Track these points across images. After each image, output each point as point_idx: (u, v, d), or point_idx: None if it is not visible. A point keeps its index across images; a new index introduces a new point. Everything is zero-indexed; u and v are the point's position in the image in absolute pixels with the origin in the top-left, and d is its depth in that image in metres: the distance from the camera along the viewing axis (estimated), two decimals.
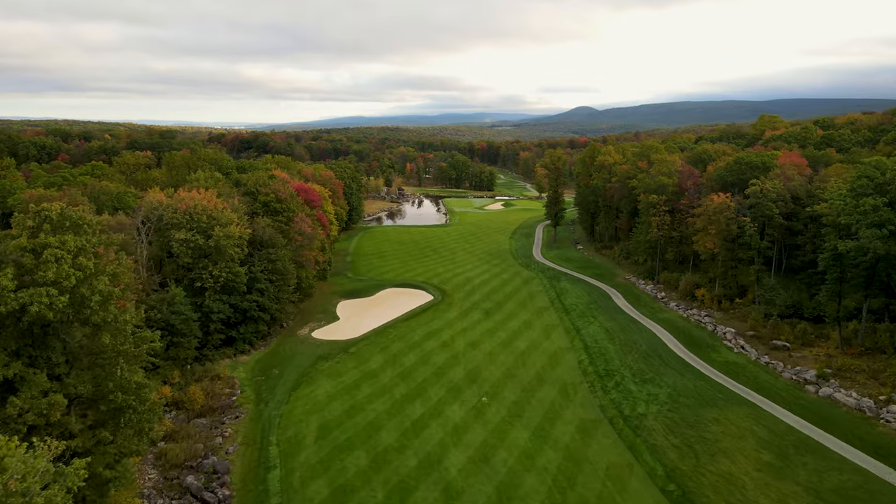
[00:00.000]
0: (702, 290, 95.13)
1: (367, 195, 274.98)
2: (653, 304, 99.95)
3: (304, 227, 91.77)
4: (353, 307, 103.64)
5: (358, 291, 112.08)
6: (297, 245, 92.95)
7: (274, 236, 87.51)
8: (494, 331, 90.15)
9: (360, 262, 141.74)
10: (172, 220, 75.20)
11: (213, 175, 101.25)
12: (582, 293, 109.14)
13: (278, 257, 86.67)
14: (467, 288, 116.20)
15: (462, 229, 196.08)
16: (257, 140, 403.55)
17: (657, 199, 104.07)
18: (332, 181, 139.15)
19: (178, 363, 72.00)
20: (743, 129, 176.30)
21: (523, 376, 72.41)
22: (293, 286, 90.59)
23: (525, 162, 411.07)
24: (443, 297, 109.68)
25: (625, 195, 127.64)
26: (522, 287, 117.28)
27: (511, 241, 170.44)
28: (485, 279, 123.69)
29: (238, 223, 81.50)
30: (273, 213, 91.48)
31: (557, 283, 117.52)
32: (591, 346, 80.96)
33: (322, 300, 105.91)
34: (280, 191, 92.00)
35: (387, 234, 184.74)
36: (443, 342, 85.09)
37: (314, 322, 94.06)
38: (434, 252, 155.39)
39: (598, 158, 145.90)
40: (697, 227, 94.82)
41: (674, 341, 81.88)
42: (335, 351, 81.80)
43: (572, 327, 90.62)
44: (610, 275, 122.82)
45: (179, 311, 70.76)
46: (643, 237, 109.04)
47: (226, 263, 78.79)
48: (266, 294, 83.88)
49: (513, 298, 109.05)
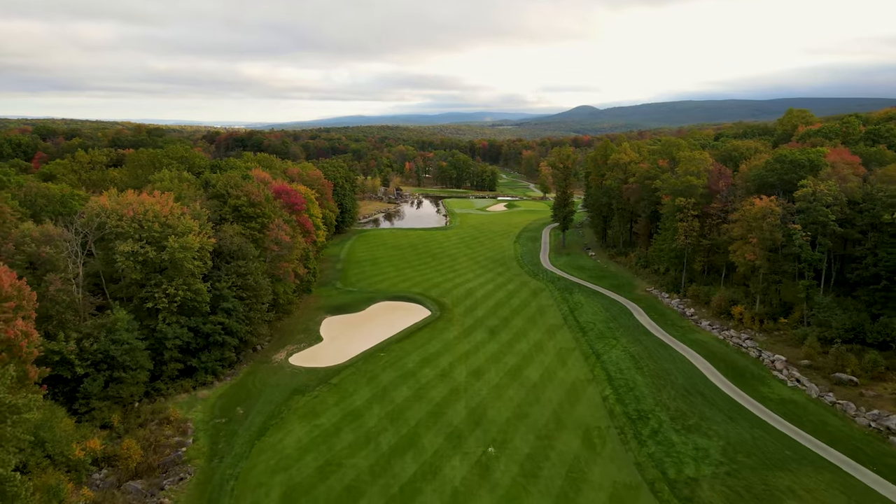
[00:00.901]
0: (739, 308, 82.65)
1: (363, 196, 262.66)
2: (681, 323, 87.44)
3: (282, 234, 79.40)
4: (340, 325, 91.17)
5: (346, 306, 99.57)
6: (273, 256, 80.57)
7: (244, 246, 75.15)
8: (501, 355, 77.74)
9: (351, 269, 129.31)
10: (117, 229, 62.76)
11: (181, 175, 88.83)
12: (599, 308, 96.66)
13: (249, 270, 74.31)
14: (469, 301, 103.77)
15: (463, 232, 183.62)
16: (251, 138, 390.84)
17: (685, 203, 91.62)
18: (320, 181, 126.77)
19: (121, 402, 59.68)
20: (769, 124, 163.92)
21: (537, 417, 59.96)
22: (268, 303, 78.25)
23: (528, 161, 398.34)
24: (441, 312, 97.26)
25: (643, 197, 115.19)
26: (531, 300, 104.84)
27: (516, 246, 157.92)
28: (488, 290, 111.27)
29: (200, 231, 69.17)
30: (245, 219, 79.11)
31: (570, 296, 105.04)
32: (616, 378, 68.47)
33: (304, 316, 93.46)
34: (254, 193, 79.62)
35: (382, 237, 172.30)
36: (441, 371, 72.66)
37: (293, 344, 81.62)
38: (433, 258, 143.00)
39: (612, 157, 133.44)
40: (734, 235, 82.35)
41: (713, 371, 69.41)
42: (314, 382, 69.39)
43: (591, 351, 78.16)
44: (628, 286, 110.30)
45: (121, 340, 58.40)
46: (667, 245, 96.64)
47: (184, 279, 66.48)
48: (234, 314, 71.51)
49: (521, 314, 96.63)
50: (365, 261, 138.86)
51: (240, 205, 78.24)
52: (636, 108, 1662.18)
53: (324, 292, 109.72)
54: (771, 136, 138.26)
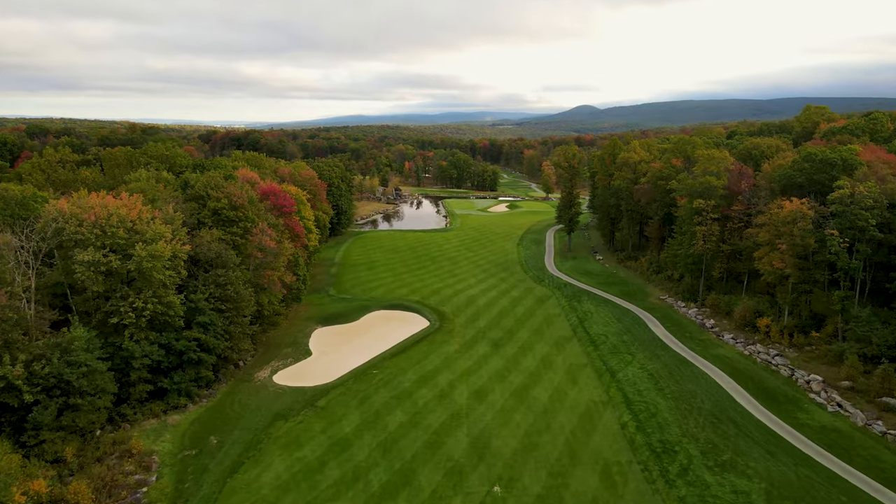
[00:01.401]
0: (765, 320, 75.78)
1: (361, 196, 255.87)
2: (701, 336, 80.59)
3: (266, 240, 72.53)
4: (331, 337, 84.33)
5: (338, 316, 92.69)
6: (257, 263, 73.75)
7: (224, 253, 68.30)
8: (506, 373, 70.91)
9: (345, 274, 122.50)
10: (76, 235, 55.91)
11: (160, 175, 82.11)
12: (610, 318, 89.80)
13: (229, 280, 67.47)
14: (470, 310, 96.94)
15: (463, 234, 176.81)
16: (248, 137, 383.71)
17: (704, 205, 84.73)
18: (313, 182, 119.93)
19: (78, 432, 52.88)
20: (787, 122, 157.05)
21: (548, 449, 53.12)
22: (250, 316, 71.42)
23: (530, 160, 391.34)
24: (441, 322, 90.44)
25: (656, 198, 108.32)
26: (537, 308, 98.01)
27: (519, 249, 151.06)
28: (491, 298, 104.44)
29: (174, 237, 62.36)
30: (225, 224, 72.29)
31: (579, 304, 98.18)
32: (635, 401, 61.58)
33: (293, 328, 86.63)
34: (236, 195, 72.78)
35: (380, 240, 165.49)
36: (440, 391, 65.82)
37: (278, 360, 74.78)
38: (432, 262, 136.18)
39: (621, 156, 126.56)
40: (760, 241, 75.49)
41: (742, 393, 62.55)
42: (299, 404, 62.57)
43: (605, 368, 71.30)
44: (640, 293, 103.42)
45: (78, 361, 51.57)
46: (684, 250, 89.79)
47: (154, 291, 59.64)
48: (211, 329, 64.66)
49: (526, 324, 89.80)
50: (361, 265, 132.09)
51: (220, 208, 71.41)
52: (637, 108, 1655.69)
53: (315, 300, 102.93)
54: (789, 133, 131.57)
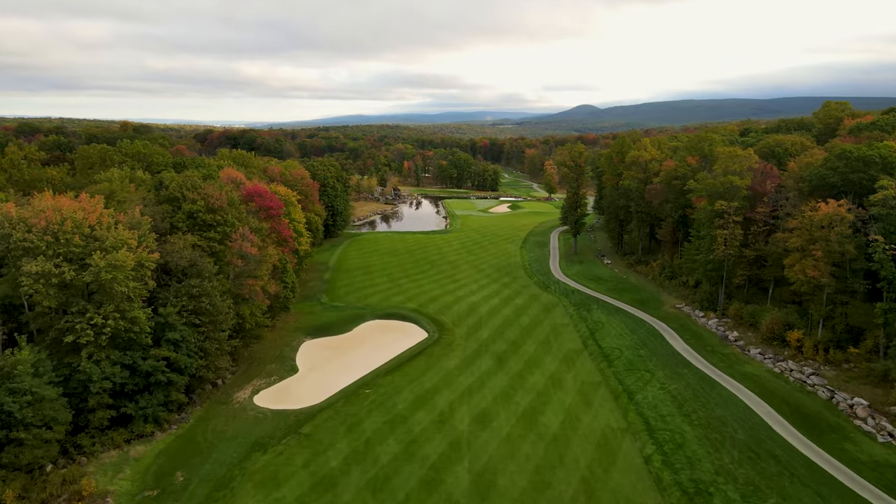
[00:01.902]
0: (796, 333, 68.95)
1: (359, 196, 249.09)
2: (724, 350, 73.77)
3: (247, 246, 65.71)
4: (320, 351, 77.53)
5: (329, 326, 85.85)
6: (237, 272, 66.93)
7: (199, 261, 61.49)
8: (512, 392, 64.14)
9: (339, 280, 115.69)
10: (24, 243, 49.12)
11: (134, 174, 75.39)
12: (623, 329, 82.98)
13: (205, 291, 60.65)
14: (472, 319, 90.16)
15: (464, 236, 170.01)
16: (244, 136, 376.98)
17: (726, 207, 77.89)
18: (304, 182, 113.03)
19: (24, 469, 46.12)
20: (805, 119, 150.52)
21: (562, 488, 46.34)
22: (229, 330, 64.62)
23: (531, 160, 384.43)
24: (440, 333, 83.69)
25: (670, 199, 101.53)
26: (543, 317, 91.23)
27: (522, 252, 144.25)
28: (494, 306, 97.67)
29: (140, 244, 55.57)
30: (201, 228, 65.49)
31: (588, 313, 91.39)
32: (658, 429, 54.79)
33: (279, 340, 79.82)
34: (214, 196, 65.96)
35: (377, 242, 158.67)
36: (438, 415, 59.05)
37: (261, 378, 67.96)
38: (431, 266, 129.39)
39: (631, 154, 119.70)
40: (791, 246, 68.66)
41: (778, 419, 55.74)
42: (281, 431, 55.84)
43: (621, 388, 64.50)
44: (653, 301, 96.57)
45: (21, 389, 44.84)
46: (703, 255, 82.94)
47: (116, 305, 52.85)
48: (183, 346, 57.88)
49: (532, 335, 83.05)
50: (356, 269, 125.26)
51: (195, 210, 64.56)
52: (637, 107, 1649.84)
53: (306, 308, 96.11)
54: (807, 130, 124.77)
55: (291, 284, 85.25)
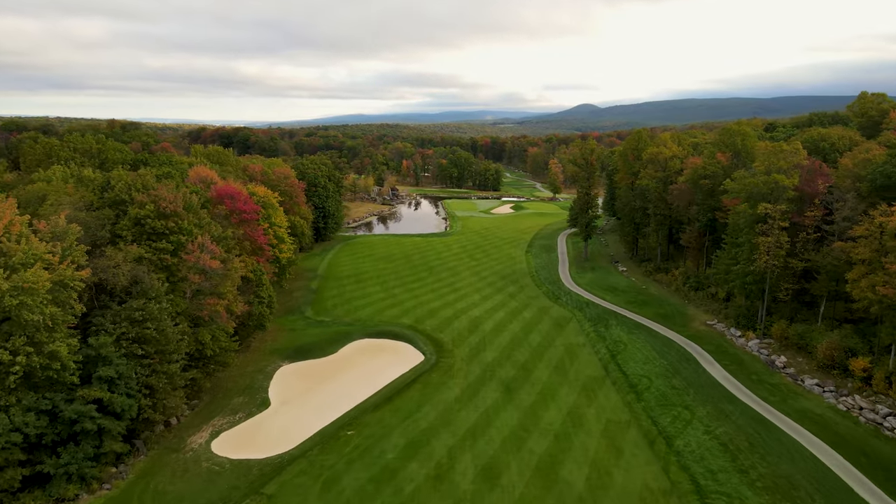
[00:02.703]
0: (861, 362, 57.96)
1: (355, 197, 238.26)
2: (772, 379, 62.76)
3: (206, 259, 54.72)
4: (298, 380, 66.54)
5: (311, 348, 74.87)
6: (195, 290, 55.96)
7: (144, 278, 50.57)
8: (524, 434, 53.22)
9: (328, 290, 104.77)
10: None
11: (81, 173, 64.53)
12: (649, 352, 71.98)
13: (151, 314, 49.73)
14: (474, 337, 79.29)
15: (465, 239, 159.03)
16: (237, 135, 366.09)
17: (770, 210, 66.87)
18: (288, 182, 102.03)
19: None
20: (839, 113, 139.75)
21: None
22: (184, 359, 53.66)
23: (534, 158, 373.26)
24: (438, 355, 72.82)
25: (697, 201, 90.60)
26: (555, 335, 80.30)
27: (528, 258, 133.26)
28: (499, 320, 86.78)
29: (64, 259, 44.68)
30: (150, 237, 54.50)
31: (606, 331, 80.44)
32: (711, 491, 43.76)
33: (251, 365, 68.88)
34: (166, 199, 54.98)
35: (372, 246, 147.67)
36: (435, 467, 48.13)
37: (224, 415, 57.00)
38: (429, 273, 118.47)
39: (649, 150, 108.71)
40: (856, 258, 57.67)
41: (859, 478, 44.75)
42: (240, 491, 44.95)
43: (655, 430, 53.53)
44: (679, 316, 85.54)
45: None
46: (741, 266, 71.90)
47: (29, 337, 41.96)
48: (121, 384, 46.99)
49: (544, 358, 72.12)
50: (347, 277, 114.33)
51: (143, 216, 53.57)
52: (638, 107, 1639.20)
53: (287, 324, 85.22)
54: (844, 124, 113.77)
55: (268, 299, 74.31)
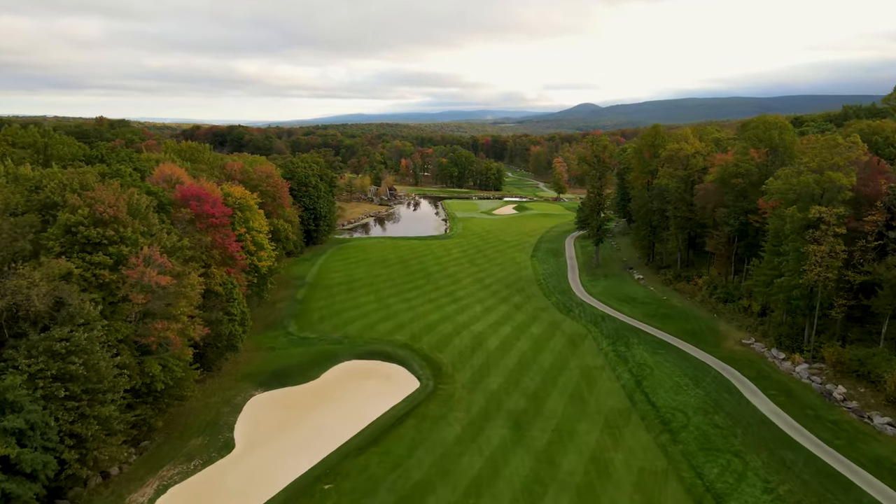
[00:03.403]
0: None
1: (351, 197, 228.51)
2: (832, 415, 52.97)
3: (153, 275, 44.92)
4: (272, 412, 56.73)
5: (290, 372, 65.04)
6: (142, 312, 46.17)
7: (71, 299, 40.79)
8: (539, 490, 43.52)
9: (315, 300, 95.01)
10: None
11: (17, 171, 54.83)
12: (680, 377, 62.16)
13: (78, 345, 39.97)
14: (478, 359, 69.55)
15: (466, 242, 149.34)
16: (232, 132, 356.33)
17: (825, 214, 57.09)
18: (270, 181, 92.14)
19: None
20: (876, 106, 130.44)
21: None
22: (122, 399, 43.86)
23: (536, 157, 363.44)
24: (436, 381, 63.11)
25: (727, 203, 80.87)
26: (569, 355, 70.56)
27: (534, 263, 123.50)
28: (505, 337, 77.07)
29: None
30: (86, 249, 44.71)
31: (628, 350, 70.66)
32: None
33: (218, 394, 59.10)
34: (105, 202, 45.20)
35: (366, 250, 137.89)
36: None
37: (177, 463, 47.19)
38: (427, 280, 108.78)
39: (668, 147, 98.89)
40: None
41: None
42: None
43: (701, 485, 43.74)
44: (709, 333, 75.68)
45: None
46: (787, 278, 62.09)
47: None
48: (35, 435, 37.25)
49: (557, 385, 62.37)
50: (337, 285, 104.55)
51: (74, 223, 43.84)
52: (638, 106, 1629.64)
53: (266, 341, 75.52)
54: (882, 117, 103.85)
55: (240, 316, 64.52)
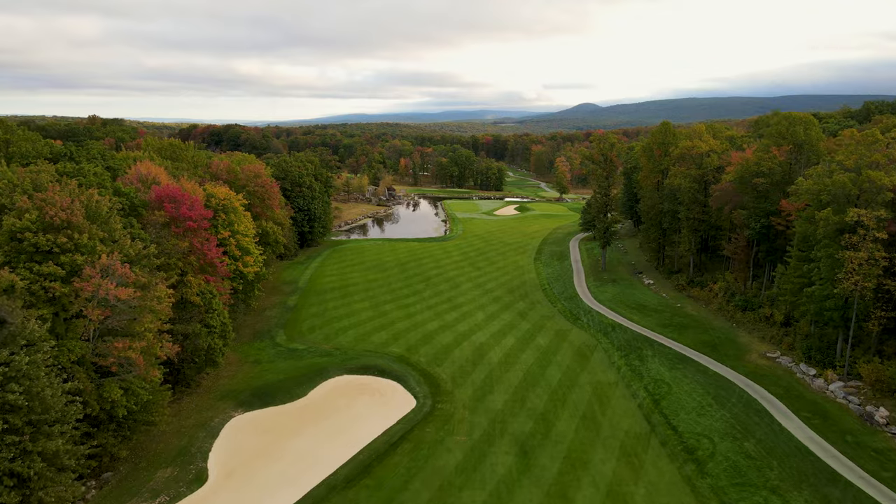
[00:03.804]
0: None
1: (348, 197, 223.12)
2: (874, 441, 47.45)
3: (109, 287, 39.44)
4: (253, 436, 51.20)
5: (275, 390, 59.51)
6: (100, 330, 40.68)
7: (12, 317, 35.31)
8: None
9: (307, 307, 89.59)
10: None
11: None
12: (702, 397, 56.65)
13: (18, 370, 34.47)
14: (479, 373, 64.12)
15: (466, 244, 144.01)
16: (228, 132, 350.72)
17: (865, 217, 51.63)
18: (258, 181, 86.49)
19: None
20: None
21: None
22: (73, 431, 38.38)
23: (538, 157, 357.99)
24: (434, 399, 57.73)
25: (747, 204, 75.34)
26: (579, 370, 65.11)
27: (538, 267, 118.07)
28: (509, 348, 71.65)
29: None
30: (34, 258, 39.24)
31: (642, 364, 65.19)
32: None
33: (193, 415, 53.61)
34: (56, 206, 39.73)
35: (362, 252, 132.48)
36: None
37: (140, 500, 41.64)
38: (426, 285, 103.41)
39: (682, 145, 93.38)
40: None
41: None
42: None
43: None
44: (729, 345, 70.14)
45: None
46: (819, 287, 56.59)
47: None
48: None
49: (567, 404, 56.95)
50: (331, 290, 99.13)
51: (20, 229, 38.40)
52: (639, 106, 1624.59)
53: (252, 353, 70.12)
54: None
55: (220, 328, 59.04)
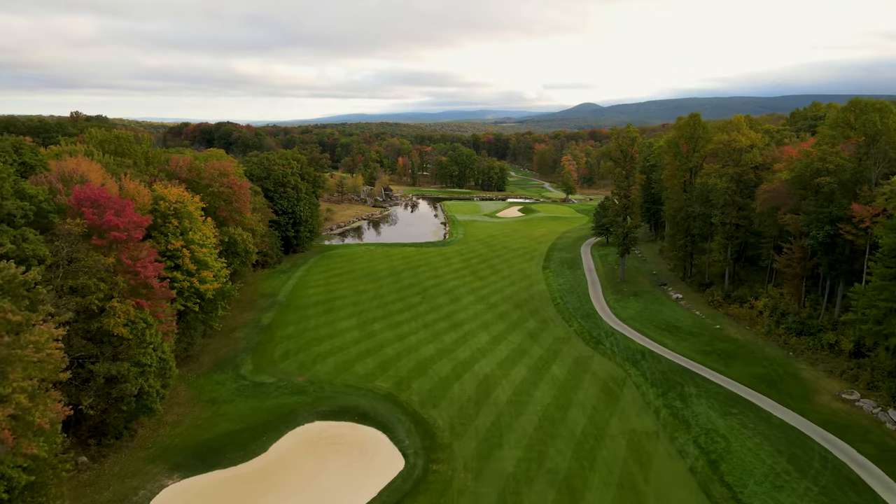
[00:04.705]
0: None
1: (342, 198, 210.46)
2: None
3: None
4: None
5: (225, 445, 46.70)
6: None
7: None
8: None
9: (283, 326, 76.93)
10: None
11: None
12: (775, 459, 43.97)
13: None
14: (484, 418, 51.49)
15: (468, 250, 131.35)
16: (220, 130, 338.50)
17: None
18: (223, 181, 73.53)
19: None
20: None
21: None
22: None
23: (541, 156, 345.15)
24: (428, 457, 45.13)
25: (806, 209, 62.56)
26: (608, 414, 52.48)
27: (548, 276, 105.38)
28: (520, 384, 58.97)
29: None
30: None
31: (686, 408, 52.53)
32: None
33: (113, 485, 40.91)
34: None
35: (353, 259, 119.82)
36: None
37: None
38: (422, 298, 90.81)
39: (716, 139, 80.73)
40: None
41: None
42: None
43: None
44: (791, 381, 57.41)
45: None
46: None
47: None
48: None
49: (597, 464, 44.33)
50: (313, 306, 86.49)
51: None
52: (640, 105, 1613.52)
53: (208, 389, 57.47)
54: None
55: (157, 366, 46.39)
